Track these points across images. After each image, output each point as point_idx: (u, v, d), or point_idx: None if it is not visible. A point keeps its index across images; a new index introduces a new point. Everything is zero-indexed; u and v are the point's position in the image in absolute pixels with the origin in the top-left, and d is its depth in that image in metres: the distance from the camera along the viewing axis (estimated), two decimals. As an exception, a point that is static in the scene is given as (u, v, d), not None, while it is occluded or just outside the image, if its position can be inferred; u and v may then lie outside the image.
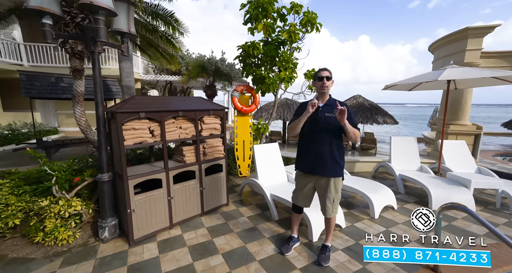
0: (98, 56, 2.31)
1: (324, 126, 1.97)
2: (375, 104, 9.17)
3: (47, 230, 2.33)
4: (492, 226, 1.63)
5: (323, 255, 2.15)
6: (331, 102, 2.02)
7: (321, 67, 2.03)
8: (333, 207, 2.08)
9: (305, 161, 2.11)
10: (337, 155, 2.00)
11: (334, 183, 2.03)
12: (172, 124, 2.71)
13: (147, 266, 2.12)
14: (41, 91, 4.54)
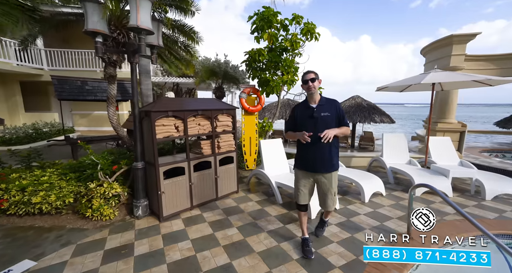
0: (135, 66, 2.84)
1: (320, 125, 2.04)
2: (373, 104, 9.61)
3: (94, 207, 2.86)
4: (451, 201, 2.11)
5: (320, 228, 2.54)
6: (323, 101, 2.13)
7: (306, 71, 2.17)
8: (334, 200, 2.23)
9: (304, 160, 2.20)
10: (334, 151, 2.13)
11: (334, 177, 2.16)
12: (192, 121, 3.23)
13: (177, 235, 2.63)
14: (70, 93, 5.09)
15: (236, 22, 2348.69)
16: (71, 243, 2.46)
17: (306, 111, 2.15)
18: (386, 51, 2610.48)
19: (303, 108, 2.19)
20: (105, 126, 10.85)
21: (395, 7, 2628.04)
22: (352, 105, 9.35)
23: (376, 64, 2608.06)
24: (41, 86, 9.78)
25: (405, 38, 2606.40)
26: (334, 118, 2.08)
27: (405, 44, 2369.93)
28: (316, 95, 2.13)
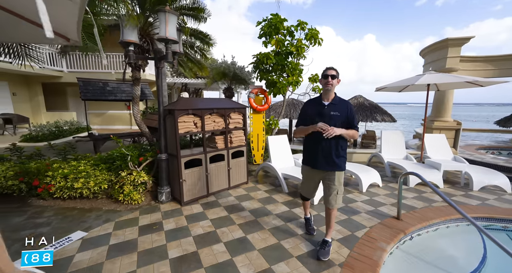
0: (161, 70, 3.29)
1: (329, 124, 2.00)
2: (375, 103, 9.94)
3: (125, 192, 3.32)
4: (436, 188, 2.48)
5: (322, 250, 2.19)
6: (336, 100, 2.12)
7: (329, 66, 2.12)
8: (337, 199, 2.19)
9: (312, 157, 2.22)
10: (341, 151, 2.12)
11: (338, 177, 2.15)
12: (208, 118, 3.66)
13: (197, 216, 3.07)
14: (93, 94, 5.59)
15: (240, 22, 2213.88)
16: (110, 220, 2.92)
17: (317, 107, 2.16)
18: (391, 50, 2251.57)
19: (315, 104, 2.19)
20: (117, 125, 11.43)
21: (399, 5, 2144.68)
22: (354, 105, 9.69)
23: (380, 63, 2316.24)
24: (60, 87, 10.39)
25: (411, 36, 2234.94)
26: (343, 118, 2.06)
27: (411, 43, 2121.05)
28: (331, 93, 2.12)
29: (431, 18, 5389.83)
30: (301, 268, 2.07)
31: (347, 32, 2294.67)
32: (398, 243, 2.54)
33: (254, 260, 2.19)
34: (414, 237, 2.72)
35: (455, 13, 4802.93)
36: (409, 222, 2.79)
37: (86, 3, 0.89)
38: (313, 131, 2.06)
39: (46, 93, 9.78)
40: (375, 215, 3.06)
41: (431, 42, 6.16)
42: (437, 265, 2.34)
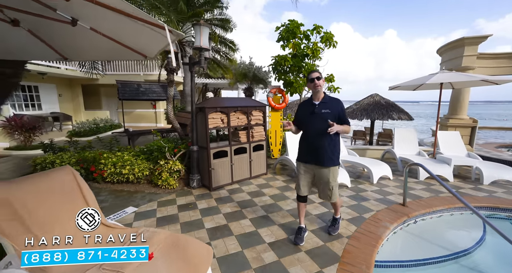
0: (193, 74, 3.83)
1: (321, 121, 2.15)
2: (391, 102, 9.97)
3: (163, 178, 3.91)
4: (436, 176, 2.77)
5: (333, 226, 2.56)
6: (326, 99, 2.27)
7: (312, 70, 2.44)
8: (333, 193, 2.30)
9: (305, 153, 2.34)
10: (334, 147, 2.24)
11: (332, 172, 2.24)
12: (233, 115, 4.16)
13: (225, 199, 3.58)
14: (129, 94, 6.33)
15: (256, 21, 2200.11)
16: (153, 200, 3.51)
17: (309, 107, 2.29)
18: (413, 46, 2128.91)
19: (307, 105, 2.35)
20: (143, 122, 12.37)
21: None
22: (370, 103, 9.83)
23: (402, 59, 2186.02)
24: (95, 88, 11.50)
25: (436, 31, 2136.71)
26: (335, 115, 2.20)
27: (435, 38, 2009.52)
28: (321, 93, 2.27)
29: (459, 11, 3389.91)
30: (314, 238, 2.49)
31: (366, 28, 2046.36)
32: (402, 225, 2.87)
33: (275, 231, 2.64)
34: (418, 221, 3.03)
35: (487, 3, 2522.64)
36: (413, 208, 3.10)
37: (177, 39, 1.36)
38: (306, 128, 2.28)
39: (84, 94, 10.89)
40: (383, 202, 3.39)
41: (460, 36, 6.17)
42: (436, 243, 2.65)
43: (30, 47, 1.68)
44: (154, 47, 1.64)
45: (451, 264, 2.36)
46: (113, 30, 1.46)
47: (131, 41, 1.59)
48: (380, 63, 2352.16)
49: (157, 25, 1.25)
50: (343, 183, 3.95)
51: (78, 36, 1.60)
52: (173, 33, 1.30)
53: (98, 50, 1.82)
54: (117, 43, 1.61)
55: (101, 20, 1.34)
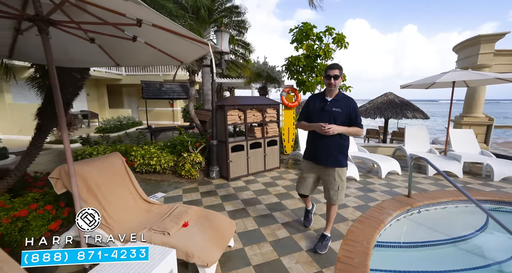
0: (214, 75, 4.22)
1: (330, 120, 2.04)
2: (406, 100, 9.91)
3: (186, 169, 4.35)
4: (438, 167, 2.99)
5: (320, 243, 2.23)
6: (339, 97, 2.12)
7: (331, 64, 2.09)
8: (338, 195, 2.17)
9: (312, 152, 2.24)
10: (342, 147, 2.13)
11: (338, 173, 2.14)
12: (249, 112, 4.52)
13: (242, 188, 3.95)
14: (153, 94, 6.87)
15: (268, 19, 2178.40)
16: (178, 188, 3.95)
17: (320, 103, 2.16)
18: (435, 42, 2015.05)
19: (318, 99, 2.20)
20: (162, 120, 13.06)
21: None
22: (384, 102, 9.83)
23: (422, 56, 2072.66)
24: (118, 88, 12.33)
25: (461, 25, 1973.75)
26: (345, 115, 2.07)
27: (460, 32, 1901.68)
28: (334, 90, 2.12)
29: (489, 2, 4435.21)
30: (322, 220, 2.80)
31: (384, 24, 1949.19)
32: (405, 213, 3.10)
33: (286, 215, 2.98)
34: (422, 212, 3.24)
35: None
36: (418, 199, 3.31)
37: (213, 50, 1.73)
38: (319, 122, 2.07)
39: (108, 93, 11.74)
40: (389, 193, 3.62)
41: (492, 29, 6.14)
42: (438, 230, 2.86)
43: (95, 57, 2.11)
44: (191, 55, 2.02)
45: (449, 247, 2.59)
46: (162, 42, 1.84)
47: (174, 50, 1.98)
48: (399, 60, 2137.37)
49: (201, 41, 1.62)
50: (352, 177, 4.20)
51: (131, 47, 2.01)
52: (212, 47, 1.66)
53: (145, 57, 2.23)
54: (162, 52, 2.01)
55: (155, 36, 1.73)
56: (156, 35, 1.69)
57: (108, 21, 1.58)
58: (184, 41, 1.74)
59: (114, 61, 2.26)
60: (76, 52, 2.00)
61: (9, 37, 1.67)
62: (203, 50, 1.88)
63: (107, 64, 2.36)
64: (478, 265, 2.32)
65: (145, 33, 1.67)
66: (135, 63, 2.58)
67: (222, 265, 2.05)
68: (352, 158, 4.84)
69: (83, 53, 2.06)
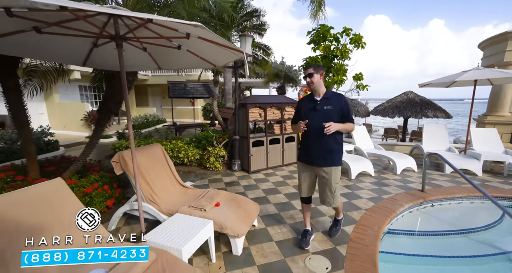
0: (237, 75, 4.59)
1: (322, 118, 2.00)
2: (427, 99, 9.67)
3: (211, 162, 4.77)
4: (456, 168, 3.11)
5: (334, 227, 2.45)
6: (329, 95, 2.11)
7: (308, 65, 2.32)
8: (334, 196, 2.16)
9: (305, 152, 2.22)
10: (336, 146, 2.11)
11: (334, 172, 2.12)
12: (269, 110, 4.84)
13: (262, 179, 4.29)
14: (178, 93, 7.41)
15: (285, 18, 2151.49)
16: (204, 178, 4.38)
17: (310, 103, 2.16)
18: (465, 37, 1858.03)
19: (308, 101, 2.20)
20: (183, 118, 13.76)
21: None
22: (403, 101, 9.68)
23: (449, 52, 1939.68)
24: (144, 88, 13.21)
25: (498, 17, 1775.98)
26: (337, 112, 2.06)
27: (496, 25, 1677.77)
28: (321, 88, 2.11)
29: None
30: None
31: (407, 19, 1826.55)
32: (418, 206, 3.26)
33: (305, 203, 3.27)
34: (435, 205, 3.38)
35: None
36: (431, 194, 3.45)
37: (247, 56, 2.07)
38: (307, 126, 2.04)
39: (135, 93, 12.62)
40: (403, 188, 3.77)
41: None
42: (450, 222, 3.02)
43: (144, 62, 2.54)
44: (225, 59, 2.37)
45: (459, 237, 2.74)
46: (201, 49, 2.21)
47: (210, 56, 2.34)
48: (422, 57, 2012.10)
49: (237, 49, 1.97)
50: (367, 172, 4.38)
51: (174, 53, 2.41)
52: (245, 54, 2.00)
53: (184, 62, 2.63)
54: (200, 58, 2.39)
55: (196, 45, 2.10)
56: (197, 44, 2.06)
57: (163, 35, 1.97)
58: (220, 48, 2.10)
59: (158, 65, 2.68)
60: (132, 59, 2.43)
61: (87, 50, 2.13)
62: (236, 55, 2.23)
63: (152, 68, 2.79)
64: (486, 253, 2.47)
65: (188, 42, 2.04)
66: (174, 66, 2.97)
67: (248, 239, 2.40)
68: (367, 155, 5.00)
69: (136, 59, 2.49)
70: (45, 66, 3.25)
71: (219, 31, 3.94)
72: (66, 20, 1.58)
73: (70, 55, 2.24)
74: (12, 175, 2.48)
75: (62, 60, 2.44)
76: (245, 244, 2.32)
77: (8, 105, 2.44)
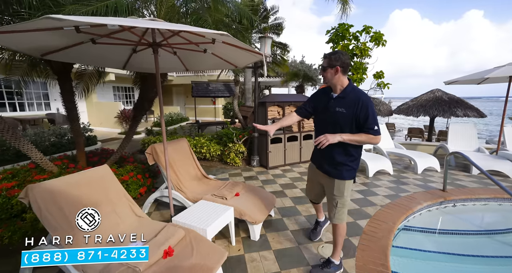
0: (257, 75, 4.80)
1: (332, 120, 1.70)
2: (457, 97, 9.12)
3: (231, 157, 5.04)
4: (481, 167, 3.00)
5: (320, 268, 1.89)
6: (346, 93, 1.67)
7: (324, 55, 1.77)
8: (336, 212, 1.81)
9: (316, 155, 1.97)
10: (342, 158, 1.72)
11: (338, 186, 1.78)
12: (287, 108, 4.98)
13: (279, 175, 4.46)
14: (201, 92, 7.81)
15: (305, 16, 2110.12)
16: (225, 172, 4.65)
17: (325, 99, 1.80)
18: (508, 28, 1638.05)
19: (324, 94, 1.82)
20: (205, 116, 14.30)
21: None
22: (429, 99, 9.23)
23: (489, 46, 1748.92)
24: (169, 88, 13.98)
25: None
26: (349, 117, 1.63)
27: None
28: (338, 85, 1.68)
29: None
30: (352, 204, 3.14)
31: (438, 12, 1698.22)
32: (438, 205, 3.22)
33: (320, 197, 3.39)
34: (457, 206, 3.30)
35: None
36: (453, 193, 3.37)
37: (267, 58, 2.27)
38: (318, 126, 1.85)
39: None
40: (422, 187, 3.71)
41: None
42: (472, 223, 2.95)
43: (173, 65, 2.85)
44: (245, 61, 2.59)
45: (482, 238, 2.69)
46: (224, 52, 2.45)
47: (232, 58, 2.57)
48: (456, 53, 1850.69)
49: (257, 52, 2.17)
50: (385, 170, 4.36)
51: (200, 56, 2.67)
52: (264, 56, 2.19)
53: (208, 63, 2.89)
54: (223, 60, 2.63)
55: (219, 48, 2.33)
56: (221, 47, 2.29)
57: (192, 41, 2.23)
58: (241, 50, 2.31)
59: (186, 67, 2.97)
60: (164, 62, 2.74)
61: (128, 55, 2.47)
62: (255, 57, 2.43)
63: (180, 70, 3.09)
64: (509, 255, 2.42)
65: (212, 46, 2.28)
66: (199, 68, 3.25)
67: (265, 227, 2.60)
68: (387, 154, 4.94)
69: (167, 62, 2.79)
70: (90, 70, 3.74)
71: (239, 34, 4.16)
72: (115, 32, 1.89)
73: (114, 60, 2.60)
74: (66, 163, 2.93)
75: (107, 65, 2.82)
76: (262, 232, 2.52)
77: (64, 104, 2.89)
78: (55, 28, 1.49)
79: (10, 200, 2.17)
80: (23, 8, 1.81)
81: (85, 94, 4.21)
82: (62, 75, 2.79)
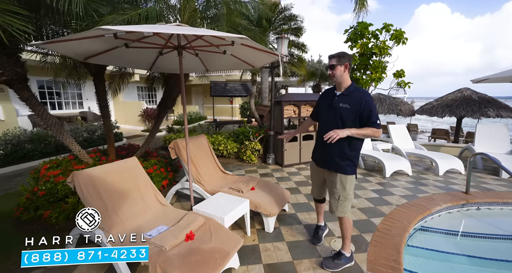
0: (274, 75, 4.90)
1: (337, 117, 1.80)
2: (488, 97, 8.51)
3: (247, 155, 5.19)
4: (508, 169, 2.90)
5: (331, 259, 1.97)
6: (350, 91, 1.80)
7: (331, 54, 1.83)
8: (339, 205, 1.90)
9: (317, 153, 2.04)
10: (347, 152, 1.82)
11: (341, 180, 1.86)
12: (303, 107, 5.03)
13: (294, 173, 4.53)
14: (219, 92, 8.07)
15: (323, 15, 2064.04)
16: (241, 169, 4.81)
17: (328, 98, 1.91)
18: None
19: (328, 94, 1.96)
20: (222, 116, 14.64)
21: None
22: (456, 99, 8.71)
23: None
24: (188, 87, 14.51)
25: None
26: (354, 112, 1.76)
27: None
28: (343, 83, 1.82)
29: None
30: (366, 202, 3.14)
31: (472, 5, 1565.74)
32: (460, 208, 3.11)
33: (334, 195, 3.42)
34: (482, 209, 3.17)
35: None
36: (476, 196, 3.24)
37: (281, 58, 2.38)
38: (321, 123, 1.94)
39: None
40: (443, 189, 3.59)
41: None
42: (497, 227, 2.82)
43: (195, 65, 3.05)
44: (262, 61, 2.72)
45: (507, 243, 2.58)
46: (242, 53, 2.59)
47: (249, 58, 2.70)
48: (492, 49, 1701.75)
49: (273, 53, 2.28)
50: (403, 171, 4.26)
51: (219, 57, 2.84)
52: (280, 57, 2.30)
53: (227, 64, 3.06)
54: (241, 60, 2.77)
55: (238, 50, 2.47)
56: (239, 48, 2.43)
57: (213, 44, 2.40)
58: (258, 52, 2.43)
59: (206, 68, 3.16)
60: (186, 63, 2.95)
61: (155, 57, 2.70)
62: (272, 58, 2.54)
63: (201, 70, 3.29)
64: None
65: (232, 48, 2.43)
66: (219, 68, 3.43)
67: (279, 221, 2.70)
68: (406, 154, 4.81)
69: (189, 63, 3.00)
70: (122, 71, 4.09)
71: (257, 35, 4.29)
72: (145, 36, 2.10)
73: (143, 62, 2.85)
74: (99, 156, 3.25)
75: (136, 66, 3.09)
76: (276, 225, 2.63)
77: (98, 102, 3.22)
78: (98, 36, 1.71)
79: (56, 185, 2.49)
80: (72, 19, 2.08)
81: (117, 93, 4.58)
82: (97, 76, 3.10)
